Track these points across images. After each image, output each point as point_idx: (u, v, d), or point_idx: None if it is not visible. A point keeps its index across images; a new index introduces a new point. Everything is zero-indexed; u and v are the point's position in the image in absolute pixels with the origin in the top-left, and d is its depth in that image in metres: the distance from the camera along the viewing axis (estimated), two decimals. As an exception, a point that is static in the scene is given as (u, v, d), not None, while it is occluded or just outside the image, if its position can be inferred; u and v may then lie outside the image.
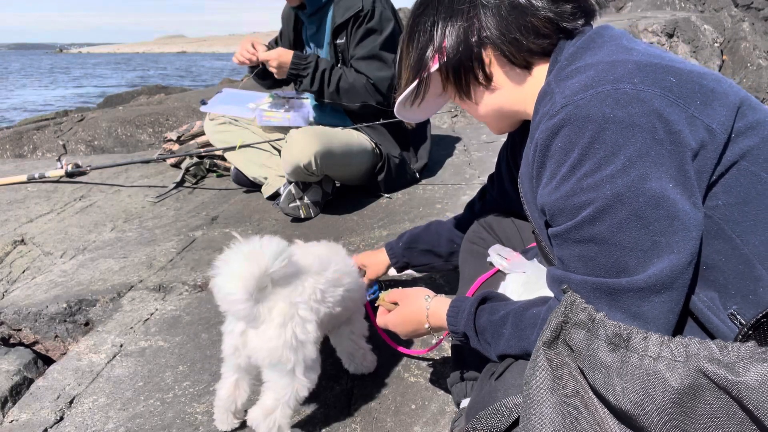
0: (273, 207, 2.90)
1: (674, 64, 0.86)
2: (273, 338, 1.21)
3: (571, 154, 0.83)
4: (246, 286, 1.16)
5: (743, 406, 0.58)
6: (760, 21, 8.18)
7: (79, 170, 3.56)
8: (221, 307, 1.24)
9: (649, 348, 0.65)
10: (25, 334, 2.12)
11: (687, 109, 0.80)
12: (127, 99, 9.28)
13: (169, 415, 1.52)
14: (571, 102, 0.84)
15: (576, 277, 0.85)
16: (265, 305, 1.22)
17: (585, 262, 0.84)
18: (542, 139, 0.88)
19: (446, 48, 1.04)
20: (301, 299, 1.26)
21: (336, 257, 1.47)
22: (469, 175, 3.19)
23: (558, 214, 0.87)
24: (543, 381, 0.74)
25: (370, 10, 2.71)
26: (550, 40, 1.00)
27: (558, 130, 0.84)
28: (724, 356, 0.60)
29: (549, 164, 0.88)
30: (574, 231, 0.84)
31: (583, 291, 0.83)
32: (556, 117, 0.85)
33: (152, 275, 2.30)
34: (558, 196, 0.86)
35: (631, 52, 0.89)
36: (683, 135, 0.79)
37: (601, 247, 0.81)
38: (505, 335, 0.99)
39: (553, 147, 0.86)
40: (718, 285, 0.82)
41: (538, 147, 0.89)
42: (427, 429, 1.42)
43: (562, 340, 0.74)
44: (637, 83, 0.81)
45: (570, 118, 0.83)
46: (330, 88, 2.72)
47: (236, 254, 1.18)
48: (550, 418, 0.71)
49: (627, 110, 0.79)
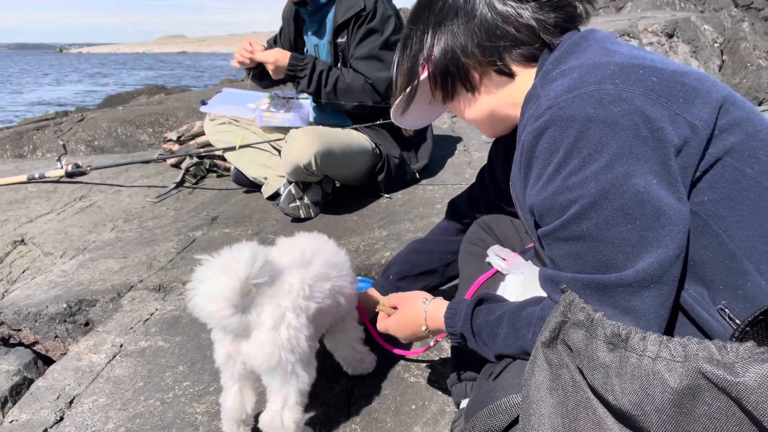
0: (273, 207, 2.90)
1: (656, 65, 0.87)
2: (267, 343, 1.18)
3: (556, 154, 0.85)
4: (229, 300, 1.13)
5: (742, 406, 0.58)
6: (760, 21, 8.17)
7: (79, 170, 3.56)
8: (209, 325, 1.21)
9: (647, 348, 0.65)
10: (25, 334, 2.13)
11: (669, 107, 0.82)
12: (127, 99, 9.29)
13: (169, 415, 1.52)
14: (555, 104, 0.85)
15: (566, 275, 0.86)
16: (253, 311, 1.18)
17: (574, 260, 0.85)
18: (528, 141, 0.90)
19: (434, 57, 1.09)
20: (288, 298, 1.22)
21: (323, 249, 1.43)
22: (469, 175, 3.19)
23: (546, 214, 0.89)
24: (542, 381, 0.74)
25: (371, 10, 2.71)
26: (534, 46, 1.03)
27: (543, 132, 0.86)
28: (723, 357, 0.60)
29: (535, 165, 0.89)
30: (562, 229, 0.86)
31: (574, 289, 0.84)
32: (541, 119, 0.87)
33: (152, 275, 2.30)
34: (545, 196, 0.87)
35: (614, 54, 0.90)
36: (666, 132, 0.80)
37: (589, 244, 0.83)
38: (501, 335, 1.00)
39: (539, 148, 0.88)
40: (707, 280, 0.83)
41: (525, 149, 0.91)
42: (427, 429, 1.42)
43: (561, 340, 0.74)
44: (619, 83, 0.83)
45: (554, 119, 0.85)
46: (327, 88, 2.72)
47: (211, 270, 1.14)
48: (549, 418, 0.71)
49: (609, 109, 0.81)
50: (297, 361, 1.22)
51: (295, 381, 1.24)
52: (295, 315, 1.21)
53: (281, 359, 1.19)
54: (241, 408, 1.31)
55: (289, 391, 1.24)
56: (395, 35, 2.78)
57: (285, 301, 1.21)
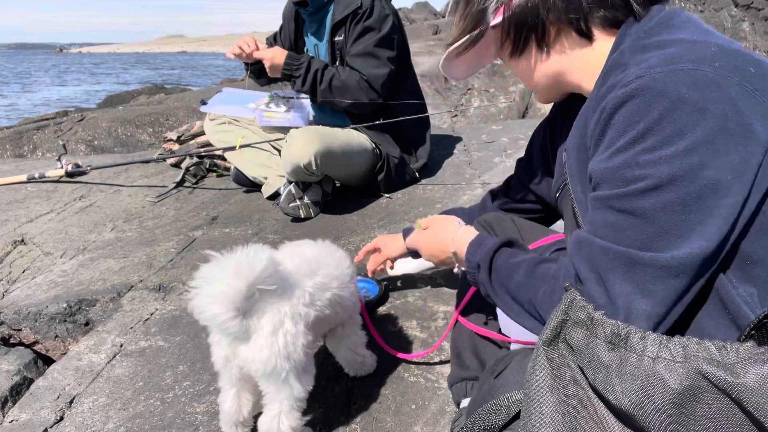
0: (273, 207, 2.90)
1: (754, 55, 0.84)
2: (265, 347, 1.17)
3: (635, 126, 0.81)
4: (232, 303, 1.12)
5: (743, 408, 0.58)
6: (760, 21, 8.17)
7: (79, 170, 3.56)
8: (208, 326, 1.20)
9: (647, 348, 0.65)
10: (25, 334, 2.13)
11: (763, 102, 0.79)
12: (127, 99, 9.30)
13: (169, 415, 1.52)
14: (647, 74, 0.82)
15: (600, 242, 0.84)
16: (254, 316, 1.17)
17: (615, 231, 0.83)
18: (609, 107, 0.85)
19: (513, 3, 1.02)
20: (289, 305, 1.21)
21: (328, 260, 1.43)
22: (469, 175, 3.19)
23: (605, 182, 0.86)
24: (543, 380, 0.74)
25: (368, 8, 2.71)
26: (621, 12, 0.97)
27: (627, 100, 0.83)
28: (723, 357, 0.60)
29: (609, 132, 0.86)
30: (617, 200, 0.83)
31: (601, 257, 0.83)
32: (628, 86, 0.83)
33: (152, 275, 2.30)
34: (609, 166, 0.84)
35: (712, 35, 0.87)
36: (754, 128, 0.77)
37: (638, 222, 0.81)
38: (514, 280, 1.00)
39: (617, 116, 0.84)
40: (760, 282, 0.81)
41: (604, 114, 0.87)
42: (427, 429, 1.42)
43: (562, 338, 0.74)
44: (718, 68, 0.79)
45: (643, 89, 0.81)
46: (322, 86, 2.72)
47: (217, 271, 1.12)
48: (550, 417, 0.71)
49: (703, 93, 0.78)
50: (291, 369, 1.20)
51: (290, 389, 1.23)
52: (293, 322, 1.21)
53: (276, 366, 1.18)
54: (238, 411, 1.31)
55: (284, 397, 1.23)
56: (392, 33, 2.78)
57: (285, 307, 1.20)
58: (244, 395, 1.31)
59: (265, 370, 1.19)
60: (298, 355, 1.21)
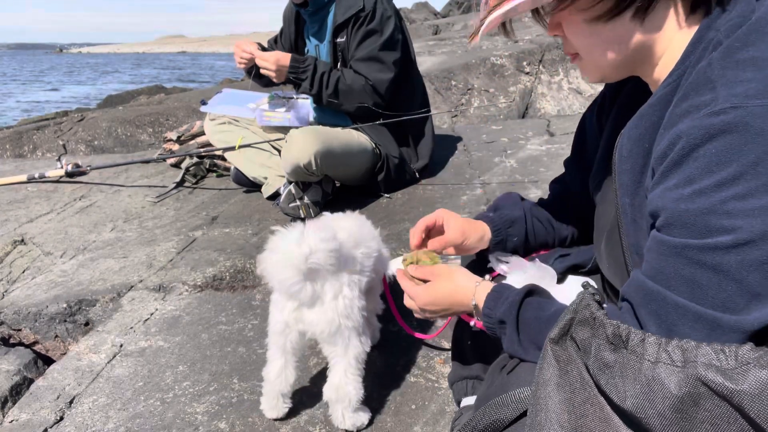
0: (273, 207, 2.90)
1: None
2: (329, 310, 1.32)
3: (725, 167, 0.71)
4: (299, 269, 1.25)
5: (744, 414, 0.58)
6: (761, 21, 8.16)
7: (79, 170, 3.56)
8: (275, 289, 1.34)
9: (647, 351, 0.65)
10: (25, 334, 2.13)
11: None
12: (127, 99, 9.29)
13: (169, 415, 1.52)
14: (743, 105, 0.71)
15: (675, 298, 0.76)
16: (318, 282, 1.31)
17: (692, 287, 0.74)
18: (695, 135, 0.74)
19: None
20: (346, 273, 1.36)
21: (364, 230, 1.55)
22: (469, 175, 3.19)
23: (681, 226, 0.75)
24: (550, 377, 0.74)
25: (371, 10, 2.71)
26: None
27: (718, 134, 0.71)
28: (722, 362, 0.59)
29: (690, 166, 0.75)
30: (697, 251, 0.73)
31: (676, 316, 0.75)
32: (720, 117, 0.72)
33: (152, 275, 2.30)
34: (691, 208, 0.74)
35: None
36: None
37: (720, 279, 0.72)
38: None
39: (704, 150, 0.73)
40: None
41: (683, 142, 0.76)
42: (427, 429, 1.42)
43: (570, 336, 0.74)
44: None
45: (738, 125, 0.70)
46: (328, 90, 2.72)
47: (285, 240, 1.26)
48: (556, 414, 0.71)
49: None
50: (352, 329, 1.35)
51: (352, 348, 1.37)
52: (350, 288, 1.36)
53: (340, 325, 1.33)
54: (284, 381, 1.41)
55: (348, 356, 1.37)
56: (395, 36, 2.78)
57: (343, 275, 1.35)
58: (290, 368, 1.42)
59: (330, 330, 1.33)
60: (356, 317, 1.36)
